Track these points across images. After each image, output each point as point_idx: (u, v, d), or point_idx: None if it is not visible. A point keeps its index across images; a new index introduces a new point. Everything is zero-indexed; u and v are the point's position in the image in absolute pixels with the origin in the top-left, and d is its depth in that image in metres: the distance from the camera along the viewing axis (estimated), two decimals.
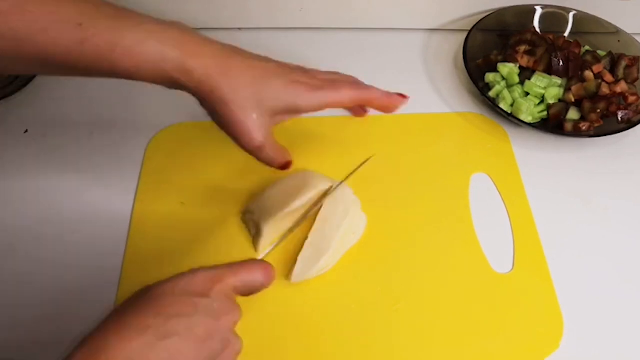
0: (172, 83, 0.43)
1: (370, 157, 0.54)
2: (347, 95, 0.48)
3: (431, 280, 0.53)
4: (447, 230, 0.57)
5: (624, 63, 0.68)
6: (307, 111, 0.47)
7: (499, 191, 0.60)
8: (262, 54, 0.73)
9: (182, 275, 0.38)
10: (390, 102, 0.50)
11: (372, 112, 0.67)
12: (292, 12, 0.74)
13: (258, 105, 0.44)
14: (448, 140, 0.65)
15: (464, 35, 0.71)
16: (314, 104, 0.46)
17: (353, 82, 0.50)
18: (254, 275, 0.40)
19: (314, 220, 0.54)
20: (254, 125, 0.44)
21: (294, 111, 0.46)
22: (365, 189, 0.59)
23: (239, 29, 0.76)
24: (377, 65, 0.73)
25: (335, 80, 0.49)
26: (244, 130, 0.44)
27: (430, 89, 0.71)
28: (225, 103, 0.43)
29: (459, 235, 0.57)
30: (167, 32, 0.42)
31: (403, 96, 0.51)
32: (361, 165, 0.53)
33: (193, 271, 0.38)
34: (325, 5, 0.74)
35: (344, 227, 0.54)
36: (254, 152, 0.46)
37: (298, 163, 0.60)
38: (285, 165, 0.49)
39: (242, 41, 0.74)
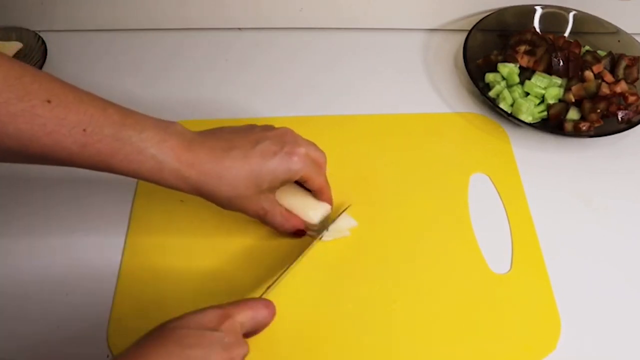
0: (170, 186, 0.46)
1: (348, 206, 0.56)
2: (323, 182, 0.53)
3: (428, 280, 0.53)
4: (445, 230, 0.57)
5: (624, 63, 0.68)
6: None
7: (497, 192, 0.60)
8: (263, 54, 0.74)
9: (192, 312, 0.41)
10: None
11: (372, 112, 0.68)
12: (292, 12, 0.74)
13: (258, 189, 0.48)
14: (448, 141, 0.65)
15: (464, 35, 0.71)
16: (306, 170, 0.50)
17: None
18: (259, 312, 0.44)
19: None
20: (257, 204, 0.49)
21: (288, 180, 0.50)
22: (365, 188, 0.59)
23: (239, 29, 0.76)
24: (377, 65, 0.73)
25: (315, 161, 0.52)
26: (248, 210, 0.50)
27: (430, 89, 0.71)
28: (225, 198, 0.48)
29: (457, 235, 0.57)
30: (166, 142, 0.44)
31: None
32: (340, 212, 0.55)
33: (202, 309, 0.41)
34: (325, 5, 0.74)
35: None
36: (261, 218, 0.51)
37: None
38: (297, 232, 0.54)
39: (242, 41, 0.76)
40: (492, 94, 0.67)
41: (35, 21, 0.71)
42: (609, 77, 0.66)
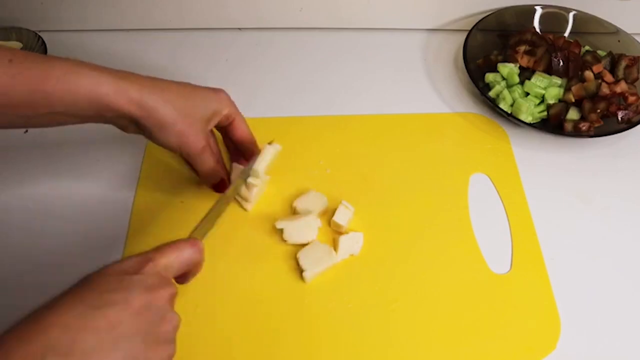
0: (108, 109, 0.45)
1: (273, 141, 0.56)
2: (248, 131, 0.56)
3: (429, 280, 0.53)
4: (445, 230, 0.57)
5: (624, 63, 0.68)
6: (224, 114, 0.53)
7: (497, 191, 0.60)
8: (263, 54, 0.74)
9: (112, 262, 0.40)
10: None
11: (372, 112, 0.67)
12: (291, 12, 0.74)
13: (193, 111, 0.49)
14: (448, 141, 0.65)
15: (464, 35, 0.71)
16: (232, 110, 0.53)
17: None
18: (183, 251, 0.42)
19: None
20: (197, 135, 0.50)
21: (219, 115, 0.52)
22: (365, 188, 0.59)
23: (239, 29, 0.76)
24: (377, 65, 0.73)
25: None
26: (188, 136, 0.49)
27: (430, 89, 0.71)
28: (165, 114, 0.47)
29: (457, 235, 0.57)
30: (97, 67, 0.45)
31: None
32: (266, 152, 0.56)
33: (122, 259, 0.40)
34: (325, 5, 0.74)
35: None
36: (198, 155, 0.51)
37: (298, 160, 0.60)
38: (219, 184, 0.55)
39: (242, 41, 0.76)
40: (492, 94, 0.67)
41: (35, 21, 0.71)
42: (609, 77, 0.66)
